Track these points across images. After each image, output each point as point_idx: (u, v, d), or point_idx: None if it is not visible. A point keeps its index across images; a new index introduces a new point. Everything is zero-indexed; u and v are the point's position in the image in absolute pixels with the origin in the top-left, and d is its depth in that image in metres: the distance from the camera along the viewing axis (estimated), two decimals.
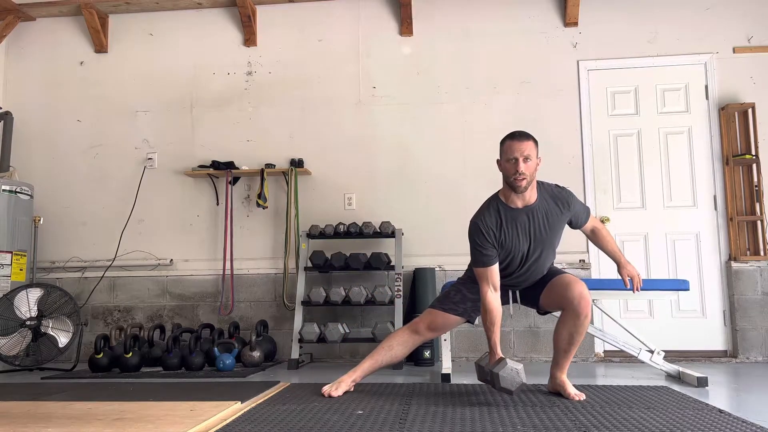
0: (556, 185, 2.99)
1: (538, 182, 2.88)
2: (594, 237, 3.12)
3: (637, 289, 3.06)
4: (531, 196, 2.83)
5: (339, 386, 2.95)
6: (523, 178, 2.75)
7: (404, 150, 4.77)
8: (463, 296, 3.03)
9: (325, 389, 2.93)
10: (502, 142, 2.86)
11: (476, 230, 2.82)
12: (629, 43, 4.68)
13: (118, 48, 5.11)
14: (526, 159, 2.74)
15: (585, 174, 4.61)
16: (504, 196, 2.88)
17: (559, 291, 2.85)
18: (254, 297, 4.73)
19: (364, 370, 3.01)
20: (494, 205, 2.88)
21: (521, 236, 2.82)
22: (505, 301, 3.01)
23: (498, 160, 2.88)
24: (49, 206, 4.94)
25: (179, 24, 5.07)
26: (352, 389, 3.05)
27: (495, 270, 2.81)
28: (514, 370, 2.69)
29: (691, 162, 4.57)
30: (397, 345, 3.01)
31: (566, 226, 2.99)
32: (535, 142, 2.82)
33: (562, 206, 2.88)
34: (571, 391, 2.86)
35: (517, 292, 3.08)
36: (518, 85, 4.74)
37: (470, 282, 3.00)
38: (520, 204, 2.83)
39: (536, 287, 3.00)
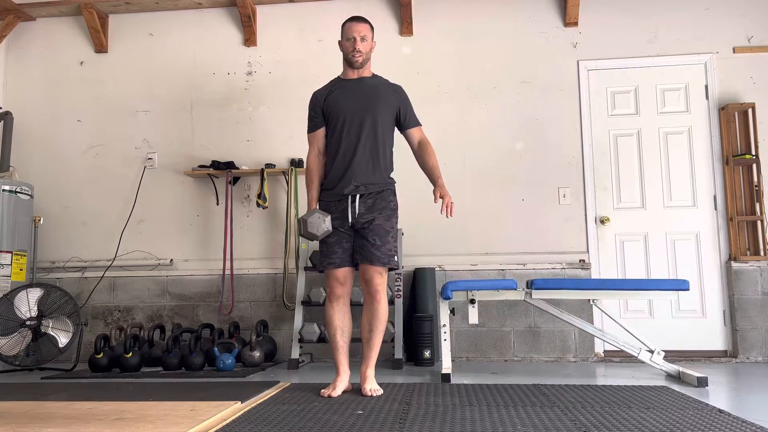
0: (395, 83, 3.24)
1: (375, 74, 3.21)
2: (419, 150, 3.20)
3: (450, 215, 3.03)
4: (365, 73, 3.17)
5: (335, 387, 2.99)
6: (360, 55, 3.10)
7: (404, 150, 4.75)
8: (328, 246, 3.07)
9: (324, 392, 2.97)
10: (343, 25, 3.18)
11: (310, 99, 3.21)
12: (629, 43, 4.68)
13: (118, 48, 5.11)
14: (362, 39, 3.10)
15: (585, 174, 4.61)
16: (342, 73, 3.21)
17: (360, 270, 3.05)
18: (254, 297, 4.73)
19: (344, 363, 3.08)
20: (331, 81, 3.23)
21: (349, 97, 3.10)
22: (340, 212, 3.04)
23: (339, 41, 3.19)
24: (49, 206, 4.95)
25: (179, 24, 5.07)
26: (351, 388, 3.06)
27: (320, 135, 3.17)
28: (320, 218, 2.97)
29: (691, 162, 4.57)
30: (340, 320, 3.09)
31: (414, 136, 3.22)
32: (371, 26, 3.18)
33: (393, 89, 3.18)
34: (368, 386, 2.98)
35: (356, 204, 3.03)
36: (518, 85, 4.74)
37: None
38: (354, 76, 3.16)
39: (367, 231, 3.01)
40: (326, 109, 3.14)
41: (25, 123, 5.05)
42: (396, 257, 3.09)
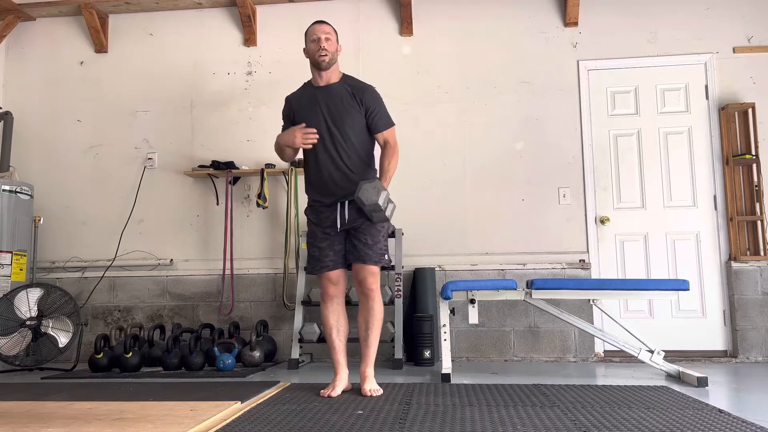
0: (365, 83, 3.17)
1: (345, 74, 3.16)
2: (382, 152, 3.15)
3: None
4: (333, 77, 3.11)
5: (335, 387, 2.99)
6: (325, 54, 3.04)
7: (404, 150, 4.72)
8: (320, 250, 3.07)
9: (323, 392, 2.97)
10: (306, 31, 3.14)
11: (284, 102, 3.22)
12: (629, 43, 4.68)
13: (118, 48, 5.11)
14: (327, 39, 3.06)
15: (585, 174, 4.61)
16: (312, 79, 3.16)
17: (353, 271, 3.07)
18: (254, 297, 4.73)
19: (342, 363, 3.10)
20: (303, 85, 3.21)
21: (315, 108, 3.07)
22: (328, 220, 3.04)
23: (304, 48, 3.15)
24: (49, 206, 4.95)
25: (179, 24, 5.07)
26: (350, 387, 3.06)
27: None
28: (376, 189, 2.87)
29: (691, 162, 4.57)
30: (335, 320, 3.13)
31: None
32: (335, 30, 3.15)
33: (356, 93, 3.08)
34: (367, 386, 2.98)
35: (345, 211, 3.02)
36: (518, 85, 4.74)
37: (311, 237, 3.12)
38: (321, 83, 3.11)
39: (358, 232, 3.02)
40: (295, 118, 3.14)
41: (25, 123, 5.05)
42: (387, 255, 3.11)
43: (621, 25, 4.70)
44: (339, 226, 3.03)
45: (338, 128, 3.04)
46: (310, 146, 3.04)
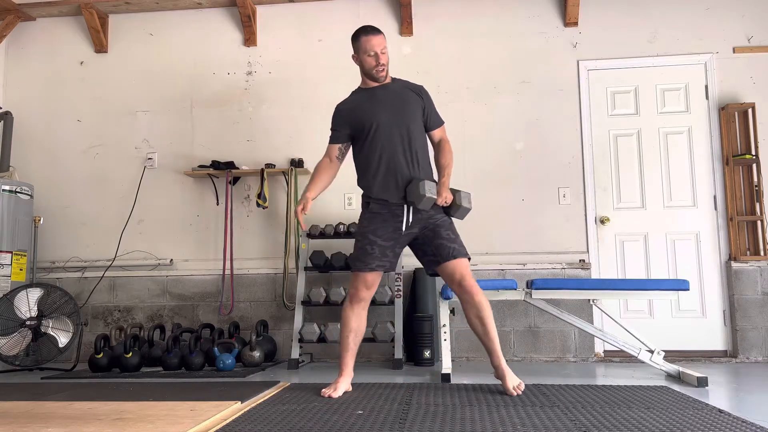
0: (416, 83, 3.22)
1: (394, 78, 3.18)
2: (436, 148, 3.19)
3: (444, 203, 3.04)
4: (386, 79, 3.13)
5: (337, 387, 2.98)
6: (384, 68, 3.06)
7: None
8: (381, 248, 3.01)
9: (324, 391, 2.96)
10: (356, 39, 3.09)
11: (334, 112, 3.17)
12: (629, 43, 4.68)
13: (118, 48, 5.11)
14: (383, 52, 3.04)
15: (585, 174, 4.61)
16: (363, 83, 3.17)
17: (445, 273, 3.01)
18: (254, 297, 4.73)
19: (349, 365, 3.07)
20: (353, 92, 3.19)
21: (377, 106, 3.05)
22: (398, 219, 3.01)
23: (353, 56, 3.13)
24: (49, 206, 4.95)
25: (179, 24, 5.07)
26: (350, 389, 3.07)
27: (335, 149, 3.15)
28: (428, 186, 2.91)
29: (691, 162, 4.57)
30: (356, 324, 3.06)
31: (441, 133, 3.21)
32: (384, 36, 3.10)
33: (415, 90, 3.14)
34: (510, 384, 2.94)
35: (410, 214, 3.01)
36: (518, 85, 4.74)
37: (372, 232, 3.02)
38: (376, 85, 3.11)
39: (429, 237, 3.00)
40: (353, 121, 3.08)
41: (25, 123, 5.05)
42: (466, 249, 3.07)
43: (621, 25, 4.70)
44: (403, 229, 3.00)
45: (405, 122, 3.03)
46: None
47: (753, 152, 4.46)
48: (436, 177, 3.14)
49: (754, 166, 4.48)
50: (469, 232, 4.65)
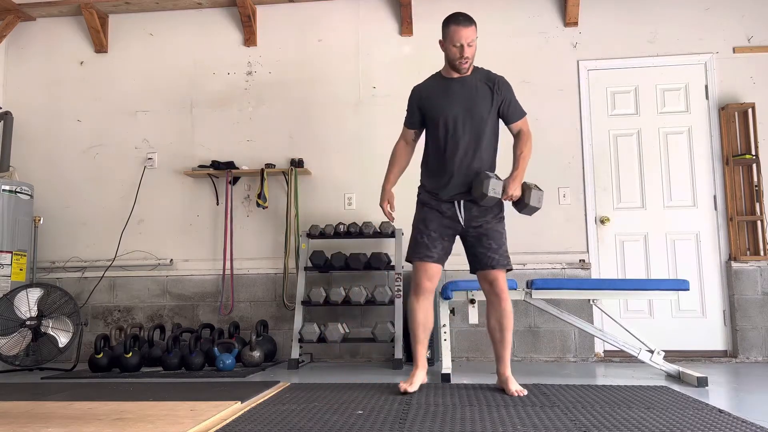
0: (497, 73, 3.14)
1: (476, 66, 3.10)
2: (516, 138, 3.14)
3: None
4: (468, 72, 3.07)
5: (413, 381, 2.98)
6: (467, 61, 3.00)
7: None
8: (431, 239, 3.02)
9: (401, 385, 2.96)
10: (446, 25, 3.02)
11: (410, 94, 3.18)
12: (629, 43, 4.68)
13: (118, 48, 5.11)
14: (469, 45, 2.97)
15: (585, 174, 4.61)
16: (444, 70, 3.12)
17: (480, 276, 3.04)
18: (254, 297, 4.73)
19: (423, 357, 3.06)
20: (433, 76, 3.16)
21: (449, 99, 3.03)
22: (450, 212, 3.01)
23: (441, 41, 3.05)
24: (49, 206, 4.94)
25: (179, 24, 5.07)
26: (426, 380, 3.11)
27: (411, 134, 3.21)
28: (493, 185, 2.88)
29: (691, 162, 4.57)
30: (423, 316, 3.05)
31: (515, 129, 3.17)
32: (476, 26, 3.02)
33: (491, 85, 3.06)
34: (513, 387, 2.93)
35: (462, 208, 3.01)
36: (518, 85, 4.67)
37: (422, 222, 3.06)
38: (455, 75, 3.07)
39: (480, 236, 3.00)
40: (425, 108, 3.09)
41: (25, 123, 5.05)
42: (509, 259, 3.05)
43: (621, 25, 4.70)
44: (462, 223, 3.00)
45: (473, 119, 3.00)
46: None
47: (753, 152, 4.46)
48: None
49: (754, 166, 4.47)
50: None
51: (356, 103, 4.85)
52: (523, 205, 3.05)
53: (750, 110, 4.48)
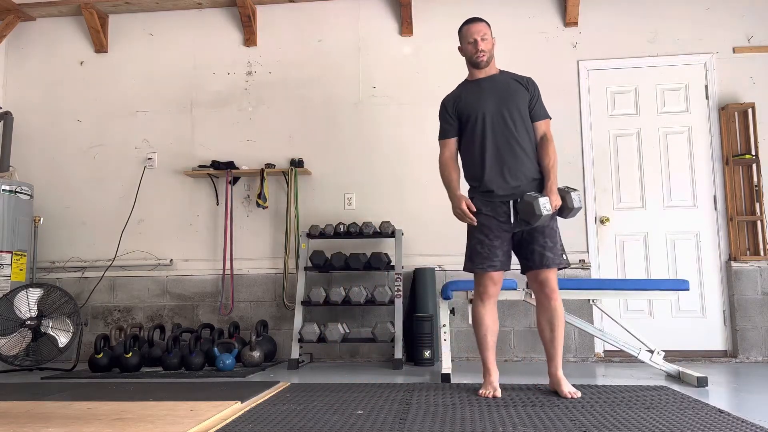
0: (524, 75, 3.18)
1: (501, 69, 3.17)
2: (539, 146, 3.07)
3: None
4: (492, 70, 3.13)
5: (494, 387, 2.95)
6: (483, 54, 3.07)
7: (404, 150, 4.77)
8: (490, 248, 2.98)
9: (483, 393, 2.93)
10: (459, 31, 3.16)
11: (441, 106, 3.20)
12: (629, 43, 4.68)
13: (118, 48, 5.11)
14: (483, 38, 3.07)
15: (585, 174, 4.61)
16: (469, 75, 3.18)
17: (530, 276, 3.03)
18: (254, 297, 4.73)
19: (494, 362, 3.04)
20: (459, 85, 3.22)
21: (482, 96, 3.06)
22: (505, 215, 2.98)
23: (459, 47, 3.17)
24: (49, 206, 4.94)
25: (179, 24, 5.07)
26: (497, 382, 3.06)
27: (453, 143, 3.15)
28: (542, 202, 2.86)
29: (691, 162, 4.57)
30: (490, 321, 3.03)
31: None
32: (488, 24, 3.14)
33: (521, 81, 3.11)
34: (566, 389, 2.90)
35: (512, 211, 2.97)
36: None
37: (479, 230, 3.01)
38: (482, 75, 3.13)
39: (530, 238, 2.97)
40: (460, 114, 3.09)
41: (25, 123, 5.05)
42: (565, 254, 3.03)
43: (621, 25, 4.70)
44: (512, 222, 2.96)
45: (510, 114, 2.99)
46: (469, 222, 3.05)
47: (753, 152, 4.46)
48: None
49: (754, 166, 4.47)
50: None
51: (356, 103, 4.85)
52: (567, 210, 3.03)
53: (750, 110, 4.48)
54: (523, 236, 3.00)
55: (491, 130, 3.00)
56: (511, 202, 2.97)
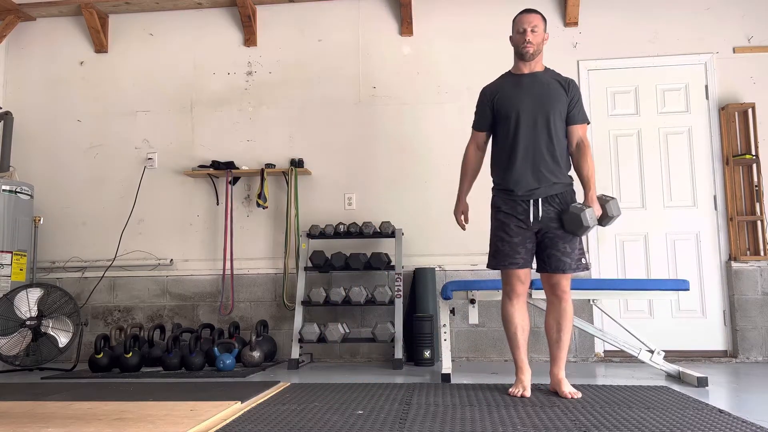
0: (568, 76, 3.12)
1: (547, 67, 3.08)
2: (575, 152, 3.02)
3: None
4: (537, 66, 3.05)
5: (525, 385, 2.95)
6: (530, 46, 2.98)
7: (404, 150, 4.77)
8: (511, 245, 2.97)
9: (513, 392, 2.93)
10: (514, 19, 3.06)
11: (480, 94, 3.14)
12: (629, 43, 4.67)
13: (118, 48, 5.11)
14: (533, 30, 2.98)
15: None
16: (514, 67, 3.10)
17: (544, 277, 3.02)
18: (254, 297, 4.73)
19: (525, 361, 3.03)
20: (502, 75, 3.13)
21: (520, 94, 3.00)
22: (524, 213, 2.95)
23: (510, 36, 3.08)
24: (49, 206, 4.94)
25: (179, 24, 5.07)
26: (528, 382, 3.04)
27: (481, 136, 3.16)
28: (588, 214, 2.86)
29: (691, 162, 4.57)
30: (520, 319, 3.03)
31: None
32: (543, 17, 3.03)
33: (562, 82, 3.04)
34: (566, 389, 2.89)
35: (539, 207, 2.93)
36: None
37: (500, 228, 3.00)
38: (526, 71, 3.04)
39: (553, 238, 2.93)
40: (497, 107, 3.04)
41: (25, 123, 5.05)
42: (584, 258, 3.00)
43: (621, 25, 4.69)
44: (531, 221, 2.93)
45: (546, 114, 2.95)
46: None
47: (753, 152, 4.46)
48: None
49: (754, 166, 4.47)
50: (470, 232, 4.64)
51: (356, 103, 4.85)
52: (607, 219, 3.01)
53: (750, 110, 4.48)
54: (546, 238, 2.97)
55: (523, 131, 2.96)
56: (531, 201, 2.94)
